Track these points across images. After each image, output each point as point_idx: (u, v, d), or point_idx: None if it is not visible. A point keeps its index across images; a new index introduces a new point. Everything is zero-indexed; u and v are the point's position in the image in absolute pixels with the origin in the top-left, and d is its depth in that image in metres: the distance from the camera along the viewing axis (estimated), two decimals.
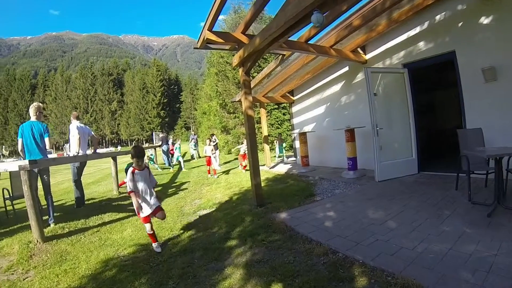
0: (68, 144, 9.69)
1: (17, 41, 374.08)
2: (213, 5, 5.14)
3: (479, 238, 3.16)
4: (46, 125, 5.74)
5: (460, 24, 5.97)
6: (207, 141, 11.85)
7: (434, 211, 4.24)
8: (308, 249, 3.49)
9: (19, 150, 5.67)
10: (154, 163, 15.85)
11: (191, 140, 21.68)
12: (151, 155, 16.30)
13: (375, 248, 3.24)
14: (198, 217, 5.71)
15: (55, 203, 7.98)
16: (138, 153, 4.20)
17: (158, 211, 4.27)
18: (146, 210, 4.13)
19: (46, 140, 5.63)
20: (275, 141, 16.61)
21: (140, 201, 4.10)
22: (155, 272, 3.41)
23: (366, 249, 3.25)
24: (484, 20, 5.59)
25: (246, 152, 10.79)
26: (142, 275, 3.37)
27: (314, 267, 3.05)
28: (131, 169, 4.13)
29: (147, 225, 4.16)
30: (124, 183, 9.67)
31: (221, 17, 23.97)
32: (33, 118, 5.69)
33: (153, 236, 4.23)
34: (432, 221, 3.84)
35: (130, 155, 4.50)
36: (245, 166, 11.01)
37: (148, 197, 4.19)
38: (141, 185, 4.13)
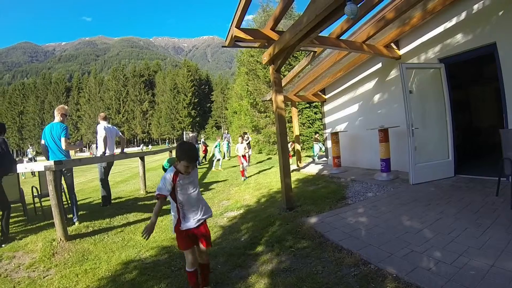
0: (95, 144, 9.90)
1: (53, 47, 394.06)
2: (240, 0, 5.03)
3: None
4: (65, 126, 5.77)
5: (501, 13, 5.47)
6: (239, 139, 11.28)
7: (474, 219, 3.92)
8: (338, 258, 3.30)
9: (42, 151, 5.84)
10: None
11: (224, 139, 21.84)
12: None
13: (410, 260, 3.00)
14: (224, 219, 5.63)
15: (83, 201, 8.20)
16: (190, 156, 2.79)
17: (202, 235, 2.92)
18: (189, 223, 2.86)
19: (62, 140, 5.62)
20: (313, 141, 16.18)
21: (183, 213, 2.87)
22: (176, 277, 3.33)
23: (400, 261, 3.01)
24: None
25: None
26: (162, 280, 3.31)
27: (343, 279, 2.87)
28: (172, 170, 2.81)
29: (188, 254, 2.84)
30: None
31: (250, 16, 24.07)
32: (56, 119, 5.80)
33: (194, 276, 2.90)
34: (472, 231, 3.54)
35: (175, 156, 2.93)
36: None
37: (196, 210, 2.91)
38: (186, 195, 2.85)
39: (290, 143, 10.40)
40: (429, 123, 6.63)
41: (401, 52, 7.59)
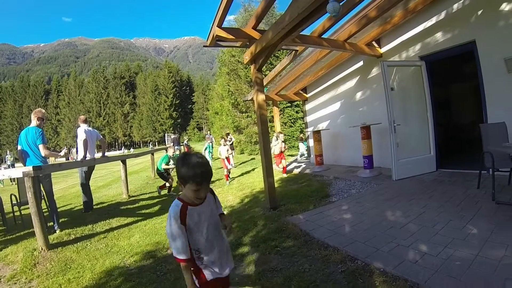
0: (75, 148, 9.60)
1: (31, 48, 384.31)
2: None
3: (508, 242, 2.91)
4: (41, 131, 5.47)
5: (480, 12, 5.62)
6: (222, 140, 10.61)
7: (457, 212, 3.98)
8: (325, 256, 3.28)
9: (18, 157, 5.56)
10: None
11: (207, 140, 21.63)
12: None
13: (396, 254, 3.01)
14: None
15: (64, 207, 7.99)
16: (198, 174, 1.75)
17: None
18: (215, 272, 1.97)
19: (40, 147, 5.36)
20: (298, 140, 16.15)
21: (204, 262, 1.95)
22: (162, 282, 3.25)
23: (386, 255, 3.02)
24: (506, 7, 5.22)
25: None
26: (148, 285, 3.22)
27: (331, 276, 2.85)
28: (178, 204, 1.84)
29: None
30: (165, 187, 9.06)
31: (231, 16, 24.04)
32: (32, 123, 5.53)
33: None
34: (455, 223, 3.59)
35: (177, 177, 1.91)
36: (284, 168, 9.57)
37: (217, 252, 1.98)
38: (205, 235, 1.90)
39: (283, 144, 9.58)
40: (411, 120, 6.72)
41: (383, 50, 7.67)
